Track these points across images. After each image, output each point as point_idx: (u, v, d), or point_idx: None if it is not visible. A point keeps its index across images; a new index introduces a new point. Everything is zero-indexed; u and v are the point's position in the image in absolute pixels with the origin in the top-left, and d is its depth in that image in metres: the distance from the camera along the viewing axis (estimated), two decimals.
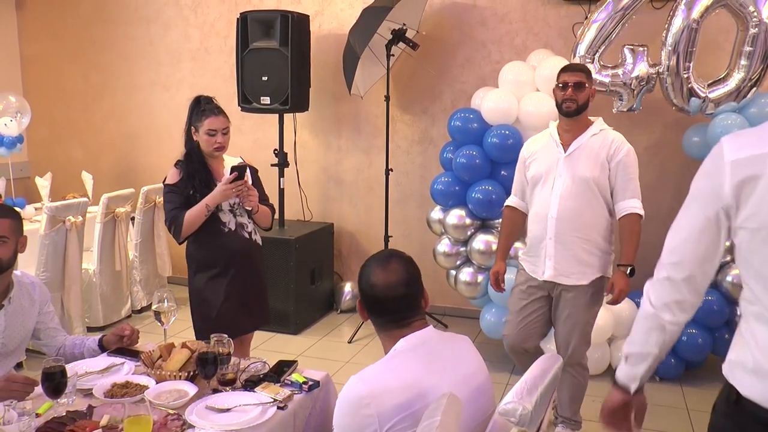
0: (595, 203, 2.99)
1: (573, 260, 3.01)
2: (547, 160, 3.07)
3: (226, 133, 3.09)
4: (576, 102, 2.97)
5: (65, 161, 6.34)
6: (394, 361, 1.75)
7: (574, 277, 3.03)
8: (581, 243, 3.00)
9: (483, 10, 5.00)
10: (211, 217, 3.03)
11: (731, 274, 3.89)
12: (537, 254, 3.10)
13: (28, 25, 6.45)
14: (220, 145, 3.06)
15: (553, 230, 3.00)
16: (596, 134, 3.03)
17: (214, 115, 3.03)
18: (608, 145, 3.00)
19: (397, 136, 5.32)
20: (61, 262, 4.39)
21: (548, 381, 1.73)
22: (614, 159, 2.98)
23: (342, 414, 1.66)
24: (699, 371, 4.19)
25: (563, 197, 2.98)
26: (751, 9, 3.72)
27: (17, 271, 2.52)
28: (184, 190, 3.03)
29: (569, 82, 2.98)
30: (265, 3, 5.53)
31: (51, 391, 2.00)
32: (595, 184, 2.97)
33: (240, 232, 3.13)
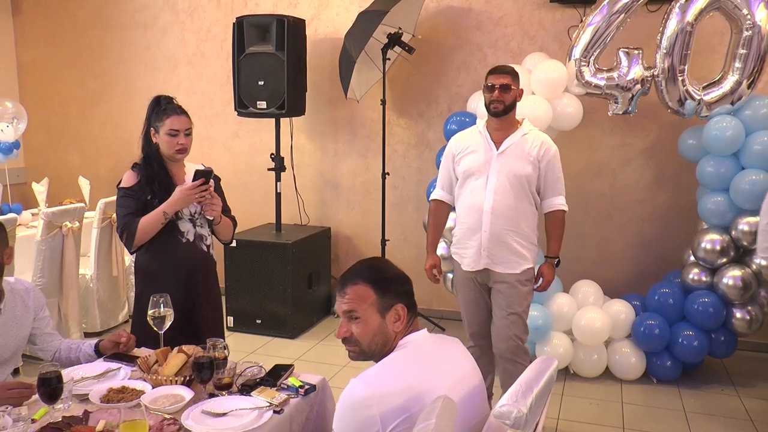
0: (524, 198, 3.16)
1: (506, 251, 3.16)
2: (479, 157, 3.19)
3: (189, 134, 2.87)
4: (503, 103, 3.10)
5: (62, 167, 6.34)
6: (394, 363, 1.76)
7: (507, 266, 3.17)
8: (513, 235, 3.15)
9: (478, 13, 5.01)
10: (169, 226, 2.81)
11: (727, 275, 3.89)
12: (469, 246, 3.23)
13: (25, 31, 6.46)
14: (182, 147, 2.84)
15: (489, 223, 3.14)
16: (526, 134, 3.18)
17: (176, 114, 2.83)
18: (538, 145, 3.15)
19: (394, 139, 5.32)
20: (58, 268, 4.39)
21: (543, 383, 1.73)
22: (544, 159, 3.15)
23: (343, 416, 1.66)
24: (696, 373, 4.20)
25: (497, 192, 3.12)
26: (744, 12, 3.74)
27: (10, 278, 2.51)
28: (140, 194, 2.80)
29: (495, 84, 3.10)
30: (261, 7, 5.55)
31: (47, 396, 1.99)
32: (526, 181, 3.13)
33: (198, 244, 2.91)
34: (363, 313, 1.79)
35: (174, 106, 2.88)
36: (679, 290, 4.12)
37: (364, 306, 1.79)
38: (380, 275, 1.83)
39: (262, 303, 4.93)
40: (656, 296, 4.12)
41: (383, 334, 1.80)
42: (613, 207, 4.83)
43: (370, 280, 1.80)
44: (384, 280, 1.82)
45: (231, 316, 5.02)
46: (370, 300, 1.79)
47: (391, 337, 1.81)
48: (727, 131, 3.86)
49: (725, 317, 3.96)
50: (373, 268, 1.85)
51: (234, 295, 5.00)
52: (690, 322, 4.02)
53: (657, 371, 4.12)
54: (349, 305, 1.80)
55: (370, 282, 1.80)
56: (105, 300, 4.85)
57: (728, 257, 3.94)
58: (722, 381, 4.16)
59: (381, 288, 1.80)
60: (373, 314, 1.79)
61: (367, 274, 1.82)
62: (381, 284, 1.80)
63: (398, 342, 1.81)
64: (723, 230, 3.97)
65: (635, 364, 4.09)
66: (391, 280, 1.83)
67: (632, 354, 4.09)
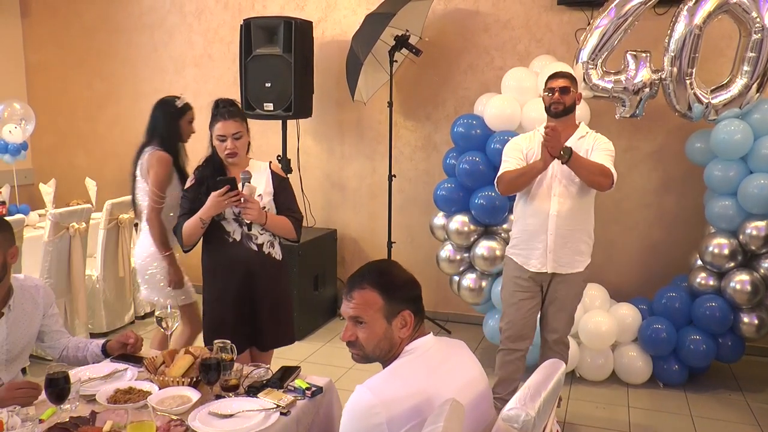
0: (586, 197, 3.27)
1: (571, 252, 3.27)
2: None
3: (239, 137, 2.93)
4: (563, 104, 3.23)
5: (69, 168, 6.36)
6: (400, 369, 1.75)
7: (570, 266, 3.28)
8: (579, 235, 3.27)
9: (486, 16, 5.01)
10: (216, 226, 2.92)
11: (734, 280, 3.87)
12: (533, 247, 3.30)
13: (33, 33, 6.49)
14: (231, 152, 2.91)
15: (554, 226, 3.23)
16: (583, 136, 3.30)
17: (224, 119, 2.91)
18: (592, 144, 3.27)
19: (400, 142, 5.32)
20: (65, 269, 4.40)
21: (551, 387, 1.73)
22: (595, 148, 3.24)
23: (350, 424, 1.65)
24: (703, 378, 4.18)
25: (563, 196, 3.23)
26: (753, 15, 3.72)
27: (20, 275, 2.52)
28: (194, 195, 2.93)
29: (555, 87, 3.24)
30: (269, 9, 5.55)
31: (54, 396, 2.00)
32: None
33: (247, 243, 2.96)
34: (369, 319, 1.77)
35: (225, 110, 2.93)
36: (686, 294, 4.10)
37: (370, 312, 1.77)
38: (388, 280, 1.80)
39: None
40: (663, 300, 4.11)
41: (389, 339, 1.78)
42: (620, 210, 4.82)
43: (377, 285, 1.78)
44: (392, 286, 1.79)
45: None
46: (377, 306, 1.77)
47: (396, 342, 1.79)
48: (735, 135, 3.84)
49: (732, 322, 3.94)
50: (382, 273, 1.82)
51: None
52: (697, 326, 4.00)
53: (664, 375, 4.10)
54: (356, 311, 1.78)
55: (377, 287, 1.77)
56: (111, 301, 4.86)
57: (736, 261, 3.93)
58: (729, 386, 4.14)
59: (388, 294, 1.77)
60: (379, 320, 1.77)
61: (375, 279, 1.79)
62: (389, 290, 1.78)
63: (404, 347, 1.80)
64: (731, 234, 3.96)
65: (642, 368, 4.08)
66: (399, 285, 1.81)
67: (639, 358, 4.08)
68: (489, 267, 4.19)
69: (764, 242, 3.83)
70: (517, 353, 3.39)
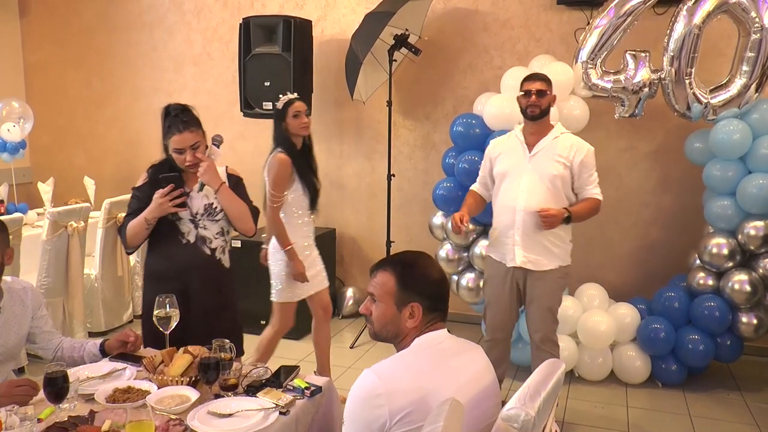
0: (557, 197, 3.28)
1: (539, 248, 3.30)
2: (512, 159, 3.37)
3: (197, 147, 2.76)
4: (539, 107, 3.27)
5: (68, 167, 6.36)
6: (408, 358, 1.78)
7: (541, 264, 3.32)
8: (545, 233, 3.28)
9: (485, 15, 5.01)
10: (171, 226, 2.79)
11: (733, 280, 3.88)
12: (504, 242, 3.37)
13: (32, 31, 6.48)
14: (191, 163, 2.76)
15: (521, 221, 3.28)
16: (557, 137, 3.33)
17: (179, 132, 2.72)
18: (569, 146, 3.30)
19: (399, 141, 5.32)
20: (63, 268, 4.40)
21: (551, 386, 1.73)
22: (576, 159, 3.28)
23: (354, 405, 1.70)
24: (701, 378, 4.18)
25: (530, 192, 3.27)
26: (752, 15, 3.72)
27: (7, 278, 2.51)
28: (145, 196, 2.77)
29: (532, 89, 3.27)
30: (268, 8, 5.55)
31: (53, 396, 1.99)
32: (559, 181, 3.27)
33: (200, 246, 2.83)
34: (381, 300, 1.86)
35: (178, 121, 2.75)
36: (684, 294, 4.10)
37: (382, 293, 1.85)
38: (408, 271, 1.86)
39: (266, 304, 4.89)
40: (662, 300, 4.11)
41: (396, 325, 1.85)
42: (619, 210, 4.82)
43: (396, 272, 1.85)
44: (409, 277, 1.85)
45: None
46: (390, 290, 1.84)
47: (404, 331, 1.84)
48: (734, 135, 3.84)
49: (731, 322, 3.94)
50: (405, 263, 1.89)
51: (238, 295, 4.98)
52: (696, 326, 4.00)
53: (662, 375, 4.10)
54: (372, 288, 1.89)
55: (395, 274, 1.85)
56: (110, 300, 4.86)
57: (735, 261, 3.93)
58: (728, 385, 4.15)
59: (403, 283, 1.84)
60: (389, 303, 1.84)
61: (397, 266, 1.87)
62: (404, 279, 1.84)
63: (414, 339, 1.82)
64: (729, 234, 3.96)
65: (640, 368, 4.08)
66: (416, 278, 1.86)
67: (637, 358, 4.08)
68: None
69: (763, 242, 3.83)
70: (496, 341, 3.50)
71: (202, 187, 2.79)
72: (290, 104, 3.51)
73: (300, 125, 3.48)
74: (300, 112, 3.45)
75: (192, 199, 2.81)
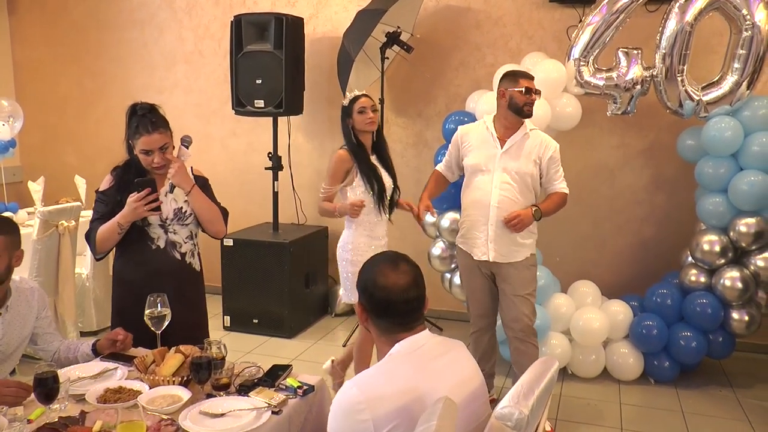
0: (527, 193, 3.37)
1: (510, 242, 3.37)
2: (484, 153, 3.41)
3: (166, 149, 2.70)
4: (531, 105, 3.34)
5: (58, 166, 6.31)
6: (388, 366, 1.74)
7: (510, 256, 3.39)
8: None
9: (477, 13, 5.00)
10: (140, 231, 2.72)
11: (725, 277, 3.89)
12: (473, 236, 3.44)
13: (21, 29, 6.43)
14: (159, 165, 2.70)
15: (495, 217, 3.34)
16: (527, 133, 3.38)
17: (147, 133, 2.66)
18: (538, 144, 3.37)
19: (392, 139, 5.31)
20: (54, 267, 4.37)
21: (544, 385, 1.72)
22: (545, 157, 3.37)
23: (336, 420, 1.65)
24: (694, 374, 4.19)
25: (502, 188, 3.34)
26: (744, 12, 3.73)
27: (16, 277, 2.52)
28: (112, 200, 2.71)
29: (533, 88, 3.33)
30: (260, 6, 5.53)
31: (43, 396, 1.98)
32: (530, 178, 3.35)
33: (170, 251, 2.78)
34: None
35: (146, 121, 2.68)
36: (677, 291, 4.11)
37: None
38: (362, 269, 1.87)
39: (259, 303, 4.92)
40: (654, 297, 4.12)
41: (367, 326, 1.86)
42: (611, 207, 4.83)
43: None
44: (360, 275, 1.86)
45: (228, 315, 5.01)
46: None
47: (375, 337, 1.85)
48: (726, 132, 3.85)
49: (723, 318, 3.95)
50: (369, 260, 1.89)
51: (231, 294, 4.99)
52: (688, 323, 4.01)
53: (655, 372, 4.11)
54: None
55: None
56: (101, 299, 4.83)
57: (726, 258, 3.94)
58: (720, 382, 4.16)
59: (359, 277, 1.86)
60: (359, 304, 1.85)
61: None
62: (359, 276, 1.86)
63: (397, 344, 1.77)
64: (721, 231, 3.97)
65: (633, 365, 4.09)
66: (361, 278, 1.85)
67: (630, 355, 4.09)
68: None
69: (754, 239, 3.84)
70: (482, 330, 3.60)
71: (173, 189, 2.75)
72: (356, 100, 3.47)
73: (366, 121, 3.43)
74: (365, 108, 3.41)
75: (162, 203, 2.73)
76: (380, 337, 1.82)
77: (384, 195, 3.47)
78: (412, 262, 1.84)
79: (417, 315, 1.80)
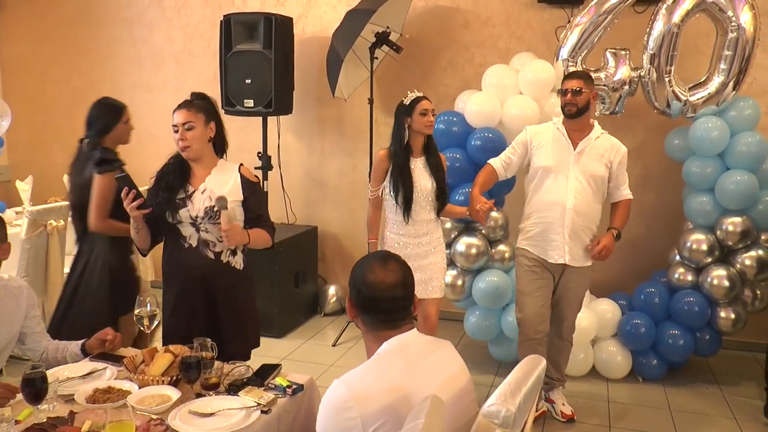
0: (599, 197, 3.45)
1: (581, 246, 3.45)
2: (557, 154, 3.41)
3: (190, 128, 2.66)
4: (576, 105, 3.35)
5: (47, 165, 6.28)
6: (377, 364, 1.75)
7: (581, 260, 3.47)
8: (586, 231, 3.44)
9: (466, 13, 5.02)
10: (171, 229, 2.70)
11: (712, 275, 3.92)
12: (549, 239, 3.45)
13: (8, 27, 6.39)
14: (182, 144, 2.67)
15: (570, 220, 3.38)
16: (599, 137, 3.43)
17: (178, 108, 2.70)
18: (609, 147, 3.42)
19: (381, 139, 5.30)
20: (42, 267, 4.34)
21: (532, 382, 1.74)
22: (615, 161, 3.42)
23: (325, 418, 1.67)
24: (681, 372, 4.23)
25: (578, 191, 3.38)
26: (729, 14, 3.77)
27: (4, 275, 2.50)
28: (153, 193, 2.72)
29: (568, 88, 3.36)
30: (249, 5, 5.52)
31: (31, 397, 1.97)
32: (602, 182, 3.41)
33: (202, 249, 2.70)
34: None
35: (186, 101, 2.75)
36: (665, 290, 4.14)
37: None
38: (354, 267, 1.89)
39: (269, 305, 4.89)
40: (642, 295, 4.15)
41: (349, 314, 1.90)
42: None
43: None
44: (352, 272, 1.88)
45: None
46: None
47: (363, 334, 1.89)
48: (713, 132, 3.89)
49: (710, 316, 3.99)
50: (358, 262, 1.90)
51: None
52: (675, 321, 4.05)
53: (643, 370, 4.14)
54: None
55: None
56: None
57: (713, 257, 3.97)
58: (707, 379, 4.20)
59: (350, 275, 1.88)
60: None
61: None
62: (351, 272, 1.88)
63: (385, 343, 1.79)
64: (708, 230, 4.01)
65: (621, 363, 4.12)
66: (352, 273, 1.87)
67: (618, 353, 4.12)
68: (469, 264, 4.19)
69: (740, 238, 3.88)
70: (537, 339, 3.50)
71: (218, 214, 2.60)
72: (419, 101, 3.44)
73: (426, 123, 3.41)
74: (428, 111, 3.40)
75: (192, 201, 2.68)
76: (368, 334, 1.84)
77: (410, 199, 3.41)
78: (403, 262, 1.86)
79: (403, 314, 1.81)
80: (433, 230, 3.51)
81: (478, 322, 4.25)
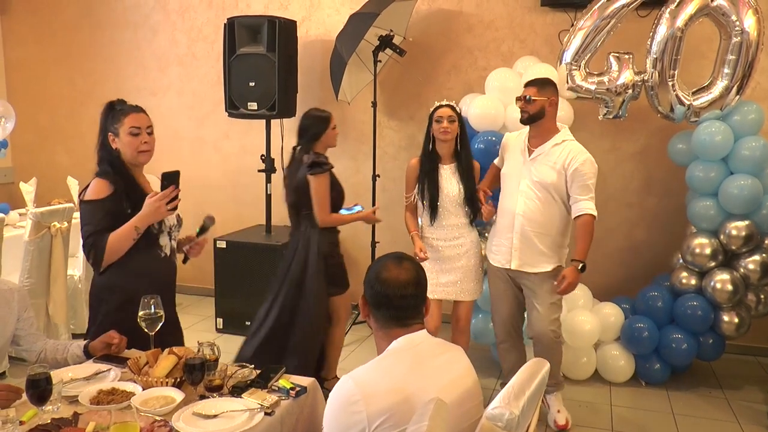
0: (552, 203, 3.37)
1: (534, 252, 3.40)
2: (512, 160, 3.50)
3: (151, 133, 2.62)
4: (527, 112, 3.37)
5: (50, 167, 6.30)
6: (385, 362, 1.78)
7: (534, 266, 3.42)
8: (541, 238, 3.39)
9: (469, 17, 5.03)
10: (150, 240, 2.57)
11: (715, 279, 3.92)
12: (500, 244, 3.50)
13: (13, 29, 6.41)
14: (148, 147, 2.60)
15: (519, 225, 3.39)
16: (558, 144, 3.38)
17: (135, 112, 2.59)
18: (566, 155, 3.34)
19: (384, 141, 5.33)
20: (46, 268, 4.35)
21: (535, 385, 1.74)
22: (570, 167, 3.31)
23: (332, 411, 1.70)
24: (684, 376, 4.22)
25: (528, 197, 3.37)
26: (733, 18, 3.76)
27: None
28: (114, 207, 2.51)
29: (521, 95, 3.39)
30: (253, 8, 5.54)
31: (36, 398, 1.97)
32: (552, 188, 3.34)
33: (172, 258, 2.72)
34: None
35: (131, 105, 2.65)
36: (668, 294, 4.14)
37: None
38: (370, 268, 1.92)
39: (251, 304, 4.88)
40: (645, 299, 4.15)
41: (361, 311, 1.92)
42: (603, 211, 4.80)
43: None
44: (367, 272, 1.91)
45: (220, 317, 5.01)
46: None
47: (374, 331, 1.91)
48: (716, 136, 3.88)
49: (713, 320, 3.98)
50: (373, 263, 1.94)
51: (223, 296, 4.99)
52: (679, 325, 4.04)
53: (646, 374, 4.14)
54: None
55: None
56: None
57: (717, 261, 3.97)
58: (710, 384, 4.19)
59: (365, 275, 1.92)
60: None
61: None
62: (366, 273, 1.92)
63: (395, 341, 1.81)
64: (712, 234, 4.00)
65: (624, 367, 4.11)
66: (368, 274, 1.90)
67: (621, 357, 4.11)
68: None
69: (744, 242, 3.88)
70: (507, 344, 3.63)
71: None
72: (437, 109, 3.51)
73: (439, 130, 3.47)
74: (442, 118, 3.44)
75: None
76: (378, 331, 1.87)
77: (436, 204, 3.51)
78: (417, 264, 1.91)
79: (414, 312, 1.84)
80: (466, 234, 3.58)
81: (480, 325, 4.25)
